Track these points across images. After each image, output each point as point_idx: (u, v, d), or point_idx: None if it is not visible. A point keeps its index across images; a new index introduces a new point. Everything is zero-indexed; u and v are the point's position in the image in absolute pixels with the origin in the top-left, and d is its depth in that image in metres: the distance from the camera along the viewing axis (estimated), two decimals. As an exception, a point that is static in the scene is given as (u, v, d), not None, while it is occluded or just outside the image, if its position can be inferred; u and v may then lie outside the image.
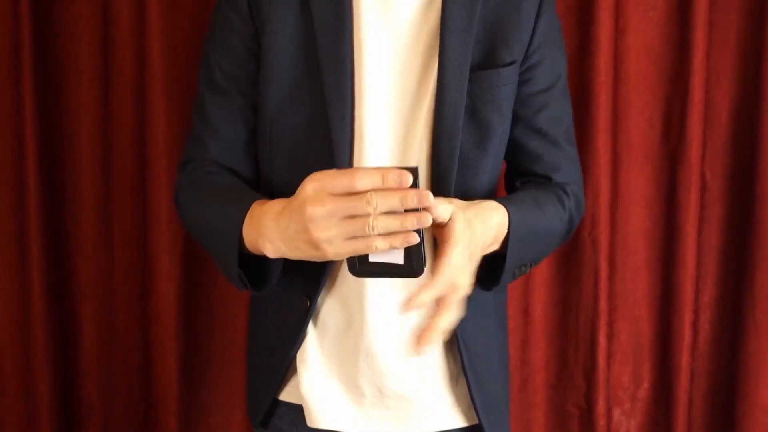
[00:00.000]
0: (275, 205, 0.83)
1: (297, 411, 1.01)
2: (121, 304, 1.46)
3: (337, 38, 0.92)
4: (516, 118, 1.00)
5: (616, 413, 1.49)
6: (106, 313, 1.47)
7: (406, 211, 0.73)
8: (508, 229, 0.89)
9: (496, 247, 0.90)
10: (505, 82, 0.95)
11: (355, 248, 0.75)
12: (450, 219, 0.80)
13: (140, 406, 1.48)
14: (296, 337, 0.97)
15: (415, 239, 0.74)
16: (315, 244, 0.75)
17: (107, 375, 1.48)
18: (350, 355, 0.97)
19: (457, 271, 0.79)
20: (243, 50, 0.97)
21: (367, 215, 0.72)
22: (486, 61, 0.95)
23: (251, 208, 0.86)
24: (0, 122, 1.39)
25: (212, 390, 1.49)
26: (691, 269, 1.42)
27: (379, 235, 0.73)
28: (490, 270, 0.93)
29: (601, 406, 1.46)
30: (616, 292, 1.46)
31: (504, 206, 0.89)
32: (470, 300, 0.98)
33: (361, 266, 0.77)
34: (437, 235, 0.82)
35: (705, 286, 1.46)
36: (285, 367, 0.99)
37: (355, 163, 0.92)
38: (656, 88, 1.40)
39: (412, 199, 0.71)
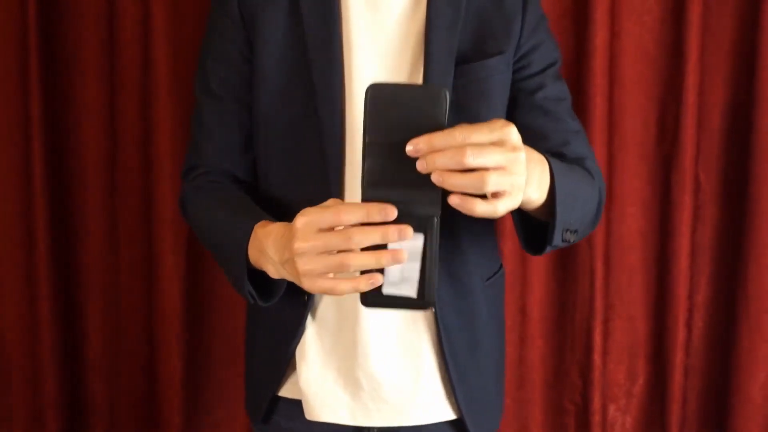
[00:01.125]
0: (275, 230, 0.84)
1: (294, 406, 1.02)
2: (127, 303, 1.47)
3: (326, 38, 0.94)
4: (516, 101, 1.01)
5: (612, 409, 1.51)
6: (111, 312, 1.48)
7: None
8: (552, 182, 0.85)
9: (542, 197, 0.85)
10: (492, 73, 0.97)
11: (323, 287, 0.76)
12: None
13: (145, 403, 1.49)
14: (295, 332, 0.99)
15: (378, 281, 0.74)
16: (297, 277, 0.77)
17: (113, 372, 1.50)
18: (348, 349, 0.98)
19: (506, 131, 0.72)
20: (237, 55, 0.99)
21: (348, 251, 0.73)
22: (473, 55, 0.96)
23: (254, 232, 0.88)
24: (8, 124, 1.41)
25: (216, 387, 1.50)
26: (685, 269, 1.43)
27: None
28: (538, 238, 0.93)
29: (596, 403, 1.47)
30: (611, 290, 1.47)
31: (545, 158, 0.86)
32: (458, 295, 0.99)
33: (373, 298, 0.76)
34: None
35: (699, 286, 1.47)
36: (285, 363, 1.01)
37: (347, 161, 0.94)
38: (651, 91, 1.42)
39: (393, 235, 0.71)
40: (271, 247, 0.83)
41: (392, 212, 0.71)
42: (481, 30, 0.97)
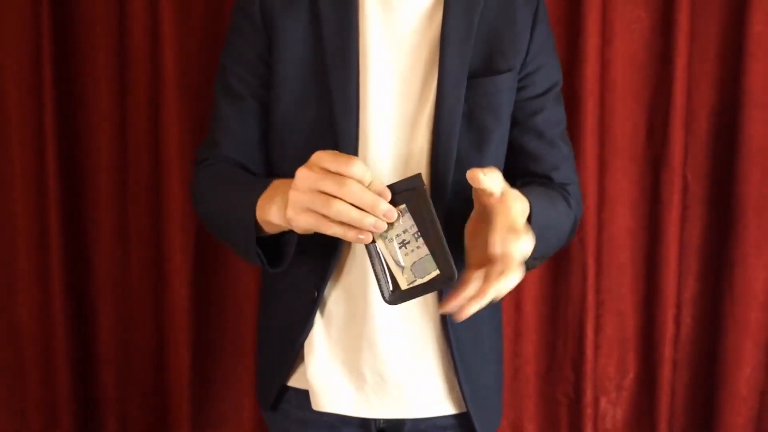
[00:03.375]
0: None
1: (304, 395, 1.06)
2: (137, 300, 1.50)
3: (344, 46, 0.97)
4: (514, 121, 1.04)
5: (603, 402, 1.53)
6: (122, 308, 1.51)
7: None
8: (529, 218, 0.88)
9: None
10: (500, 89, 1.00)
11: (309, 223, 0.78)
12: (502, 192, 0.81)
13: (155, 396, 1.52)
14: (304, 325, 1.02)
15: (368, 240, 0.77)
16: (287, 203, 0.80)
17: (123, 366, 1.52)
18: (354, 344, 1.01)
19: (509, 240, 0.80)
20: (256, 57, 1.02)
21: (335, 198, 0.76)
22: (483, 70, 0.99)
23: (271, 184, 0.89)
24: (23, 128, 1.44)
25: (222, 380, 1.53)
26: (673, 266, 1.45)
27: (339, 222, 0.77)
28: None
29: (588, 396, 1.50)
30: (602, 287, 1.49)
31: (525, 195, 0.89)
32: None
33: (395, 294, 0.78)
34: (485, 202, 0.83)
35: (687, 283, 1.49)
36: (294, 355, 1.04)
37: None
38: (640, 96, 1.44)
39: (380, 210, 0.76)
40: (283, 185, 0.85)
41: (387, 195, 0.77)
42: (492, 46, 1.00)
